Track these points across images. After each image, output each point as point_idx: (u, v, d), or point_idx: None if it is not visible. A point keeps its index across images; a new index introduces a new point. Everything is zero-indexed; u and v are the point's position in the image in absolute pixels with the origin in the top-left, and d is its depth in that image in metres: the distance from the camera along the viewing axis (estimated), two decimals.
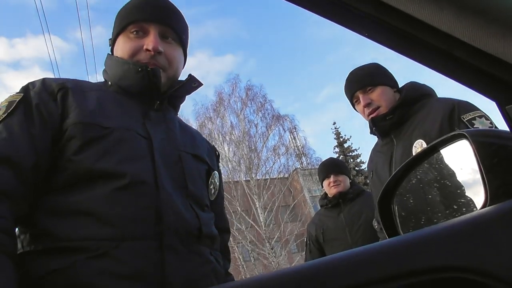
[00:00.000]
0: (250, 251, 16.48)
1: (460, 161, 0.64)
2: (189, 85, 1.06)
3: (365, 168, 21.48)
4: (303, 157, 18.22)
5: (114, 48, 1.05)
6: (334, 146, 23.81)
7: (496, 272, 0.46)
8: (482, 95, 0.58)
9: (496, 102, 0.56)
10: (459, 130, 0.65)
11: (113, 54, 1.06)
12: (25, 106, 0.85)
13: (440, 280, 0.46)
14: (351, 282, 0.47)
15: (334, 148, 23.76)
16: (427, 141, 1.45)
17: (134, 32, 1.00)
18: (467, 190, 0.64)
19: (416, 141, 1.51)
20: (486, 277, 0.45)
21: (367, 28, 0.54)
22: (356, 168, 22.25)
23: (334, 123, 25.18)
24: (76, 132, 0.85)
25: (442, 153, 0.69)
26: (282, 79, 34.77)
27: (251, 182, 16.49)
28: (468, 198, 0.63)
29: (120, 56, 1.00)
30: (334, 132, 24.00)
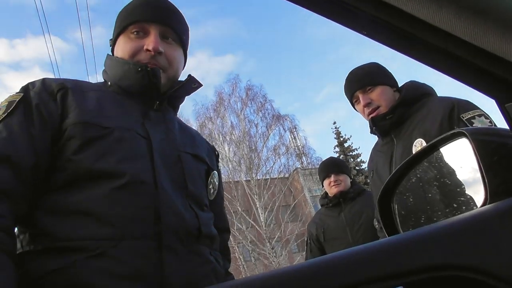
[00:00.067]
0: (250, 251, 16.48)
1: (459, 159, 0.64)
2: (188, 86, 1.06)
3: (365, 167, 21.47)
4: (303, 156, 18.23)
5: (114, 48, 1.06)
6: (335, 145, 23.84)
7: (495, 270, 0.46)
8: (482, 93, 0.58)
9: (496, 100, 0.56)
10: (459, 128, 0.65)
11: (113, 55, 1.06)
12: (25, 106, 0.85)
13: (440, 278, 0.46)
14: (352, 280, 0.47)
15: (335, 148, 23.79)
16: (427, 140, 1.45)
17: (134, 32, 1.00)
18: (467, 188, 0.64)
19: (416, 140, 1.51)
20: (485, 275, 0.45)
21: (366, 26, 0.54)
22: (357, 168, 22.25)
23: (334, 123, 25.22)
24: (76, 132, 0.85)
25: (442, 152, 0.69)
26: (282, 79, 34.81)
27: (251, 182, 16.49)
28: (468, 197, 0.63)
29: (121, 56, 1.00)
30: (334, 132, 24.02)
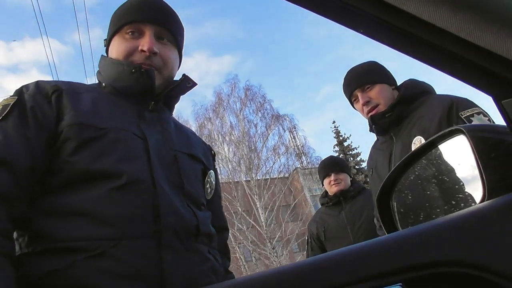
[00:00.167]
0: (251, 251, 16.48)
1: (458, 156, 0.64)
2: (183, 85, 1.06)
3: (365, 166, 21.46)
4: (303, 156, 18.22)
5: (109, 48, 1.05)
6: (334, 145, 23.82)
7: (494, 266, 0.46)
8: (478, 90, 0.58)
9: (492, 97, 0.57)
10: (457, 125, 0.65)
11: (108, 55, 1.06)
12: (20, 109, 0.85)
13: (438, 274, 0.46)
14: (351, 277, 0.47)
15: (334, 147, 23.77)
16: (426, 138, 1.46)
17: (129, 32, 1.00)
18: (465, 185, 0.64)
19: (415, 138, 1.52)
20: (484, 271, 0.45)
21: (362, 24, 0.54)
22: (356, 167, 22.24)
23: (334, 122, 25.26)
24: (72, 134, 0.85)
25: (440, 149, 0.69)
26: (281, 78, 34.83)
27: (251, 182, 16.48)
28: (467, 193, 0.63)
29: (115, 57, 1.00)
30: (334, 131, 24.00)
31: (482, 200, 0.55)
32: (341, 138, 23.71)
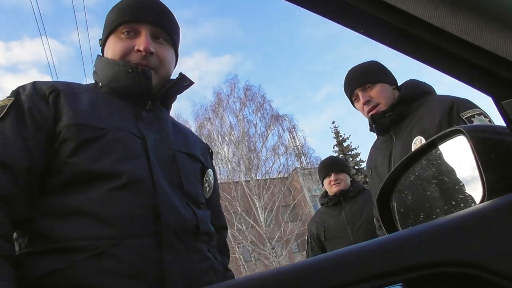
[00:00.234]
0: (251, 251, 16.48)
1: (458, 157, 0.64)
2: (180, 84, 1.06)
3: (364, 167, 21.48)
4: (302, 156, 18.23)
5: (105, 48, 1.05)
6: (334, 145, 23.83)
7: (494, 266, 0.46)
8: (478, 91, 0.58)
9: (492, 97, 0.57)
10: (457, 126, 0.65)
11: (103, 55, 1.05)
12: (17, 110, 0.85)
13: (439, 274, 0.47)
14: (352, 277, 0.48)
15: (334, 147, 23.78)
16: (426, 138, 1.46)
17: (125, 32, 0.99)
18: (465, 185, 0.64)
19: (416, 138, 1.52)
20: (484, 271, 0.45)
21: (362, 24, 0.54)
22: (356, 167, 22.25)
23: (333, 122, 25.22)
24: (70, 134, 0.85)
25: (440, 149, 0.69)
26: (281, 79, 34.80)
27: (251, 182, 16.48)
28: (467, 194, 0.63)
29: (111, 57, 1.00)
30: (333, 131, 24.01)
31: (482, 201, 0.55)
32: (340, 138, 23.73)
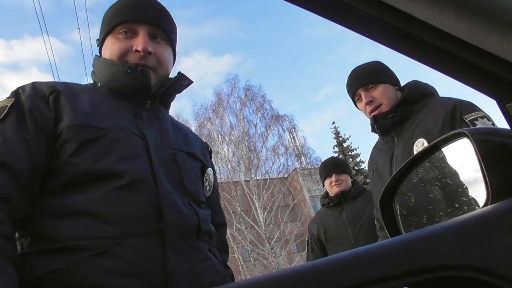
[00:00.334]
0: (249, 251, 16.48)
1: (461, 159, 0.64)
2: (179, 83, 1.05)
3: (364, 167, 21.50)
4: (302, 157, 18.24)
5: (102, 48, 1.05)
6: (334, 145, 23.83)
7: (498, 270, 0.46)
8: (482, 94, 0.58)
9: (496, 101, 0.57)
10: (460, 128, 0.65)
11: (101, 55, 1.05)
12: (17, 111, 0.85)
13: (443, 278, 0.46)
14: (355, 281, 0.47)
15: (334, 148, 23.78)
16: (429, 140, 1.46)
17: (123, 32, 0.99)
18: (468, 188, 0.64)
19: (417, 140, 1.51)
20: (488, 275, 0.45)
21: (367, 28, 0.54)
22: (356, 168, 22.26)
23: (333, 123, 25.17)
24: (71, 135, 0.85)
25: (444, 152, 0.69)
26: (281, 79, 34.80)
27: (250, 182, 16.49)
28: (470, 197, 0.63)
29: (109, 57, 1.00)
30: (334, 132, 24.01)
31: (485, 204, 0.55)
32: (340, 139, 23.73)
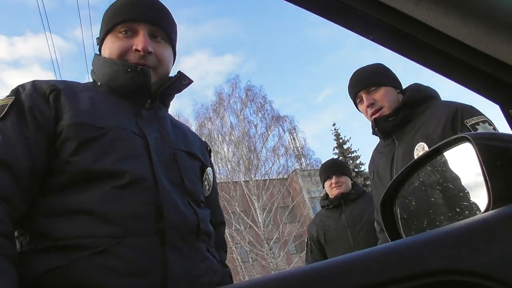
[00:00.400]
0: (248, 252, 16.47)
1: (463, 164, 0.64)
2: (179, 83, 1.05)
3: (364, 169, 21.49)
4: (302, 158, 18.25)
5: (102, 47, 1.04)
6: (334, 147, 23.79)
7: (498, 275, 0.46)
8: (486, 98, 0.58)
9: (500, 105, 0.57)
10: (462, 133, 0.65)
11: (101, 53, 1.05)
12: (17, 109, 0.84)
13: (444, 283, 0.46)
14: (354, 285, 0.47)
15: (334, 150, 23.74)
16: (429, 144, 1.45)
17: (123, 31, 0.99)
18: (470, 193, 0.64)
19: (418, 144, 1.51)
20: (489, 280, 0.45)
21: (370, 30, 0.54)
22: (356, 170, 22.24)
23: (334, 124, 25.15)
24: (72, 134, 0.85)
25: (445, 156, 0.69)
26: (282, 80, 34.78)
27: (250, 183, 16.49)
28: (471, 201, 0.63)
29: (109, 56, 0.99)
30: (334, 133, 23.97)
31: (487, 209, 0.55)
32: (341, 141, 23.70)
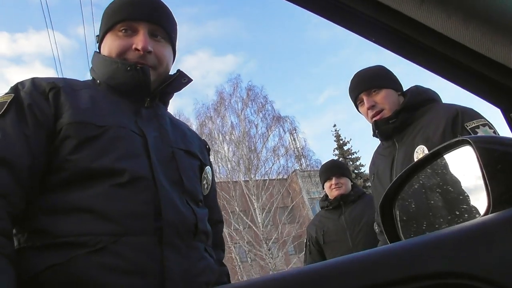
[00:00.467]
0: (247, 252, 16.47)
1: (463, 167, 0.64)
2: (178, 81, 1.05)
3: (364, 171, 21.48)
4: (302, 158, 18.25)
5: (101, 45, 1.04)
6: (334, 148, 23.76)
7: (497, 278, 0.46)
8: (487, 102, 0.58)
9: (501, 109, 0.57)
10: (463, 136, 0.65)
11: (100, 51, 1.04)
12: (17, 106, 0.84)
13: (442, 285, 0.46)
14: (354, 286, 0.47)
15: (334, 151, 23.72)
16: (429, 146, 1.45)
17: (122, 30, 0.98)
18: (469, 196, 0.64)
19: (418, 147, 1.51)
20: (488, 284, 0.45)
21: (374, 33, 0.54)
22: (356, 171, 22.23)
23: (334, 126, 25.14)
24: (71, 132, 0.84)
25: (445, 159, 0.69)
26: (283, 80, 34.77)
27: (250, 183, 16.49)
28: (471, 205, 0.63)
29: (108, 54, 0.99)
30: (334, 135, 23.94)
31: (486, 212, 0.55)
32: (341, 142, 23.68)
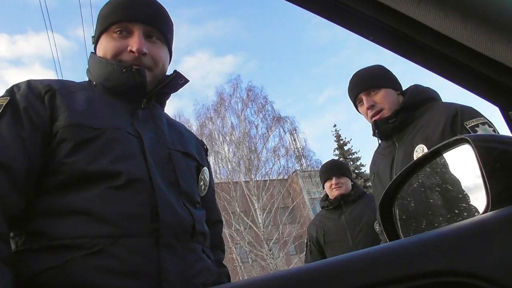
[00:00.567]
0: (248, 252, 16.47)
1: (462, 165, 0.64)
2: (175, 82, 1.05)
3: (364, 171, 21.48)
4: (302, 159, 18.24)
5: (97, 46, 1.04)
6: (334, 148, 23.77)
7: (497, 277, 0.46)
8: (485, 100, 0.58)
9: (499, 107, 0.57)
10: (462, 134, 0.65)
11: (96, 52, 1.04)
12: (13, 109, 0.84)
13: (441, 284, 0.46)
14: (352, 285, 0.47)
15: (334, 151, 23.72)
16: (429, 145, 1.45)
17: (117, 32, 0.98)
18: (469, 194, 0.64)
19: (418, 146, 1.51)
20: (487, 282, 0.45)
21: (372, 32, 0.54)
22: (356, 171, 22.22)
23: (335, 126, 25.10)
24: (67, 135, 0.84)
25: (445, 158, 0.69)
26: (283, 80, 34.77)
27: (250, 183, 16.49)
28: (470, 203, 0.63)
29: (103, 56, 0.99)
30: (334, 135, 23.94)
31: (485, 210, 0.55)
32: (341, 142, 23.68)
